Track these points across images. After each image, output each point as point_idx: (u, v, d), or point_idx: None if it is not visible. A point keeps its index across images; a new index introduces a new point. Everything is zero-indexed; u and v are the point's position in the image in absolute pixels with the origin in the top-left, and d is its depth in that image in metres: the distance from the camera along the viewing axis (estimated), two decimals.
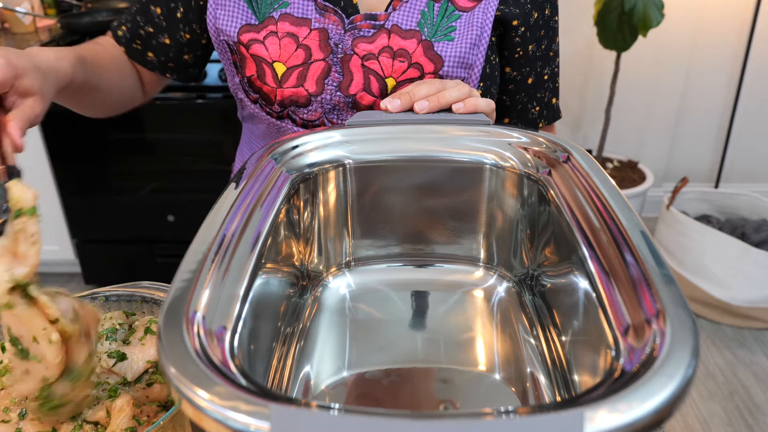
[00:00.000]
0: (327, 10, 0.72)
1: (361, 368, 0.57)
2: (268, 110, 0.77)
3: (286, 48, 0.72)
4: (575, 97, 2.63)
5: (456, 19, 0.73)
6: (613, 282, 0.42)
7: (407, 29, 0.72)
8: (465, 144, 0.63)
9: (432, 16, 0.73)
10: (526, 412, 0.31)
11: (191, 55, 0.82)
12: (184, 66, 0.83)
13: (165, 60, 0.81)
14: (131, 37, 0.80)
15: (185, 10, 0.78)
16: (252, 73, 0.74)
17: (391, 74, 0.73)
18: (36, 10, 2.17)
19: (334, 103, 0.74)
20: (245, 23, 0.73)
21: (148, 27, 0.79)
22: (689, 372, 0.32)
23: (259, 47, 0.73)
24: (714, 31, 2.47)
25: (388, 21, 0.73)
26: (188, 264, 0.42)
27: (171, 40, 0.80)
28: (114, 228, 2.16)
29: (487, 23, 0.73)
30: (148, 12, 0.79)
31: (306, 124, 0.76)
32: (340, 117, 0.76)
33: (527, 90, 0.81)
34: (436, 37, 0.73)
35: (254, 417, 0.31)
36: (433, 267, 0.69)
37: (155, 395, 0.55)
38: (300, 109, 0.75)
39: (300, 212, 0.61)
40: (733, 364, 1.96)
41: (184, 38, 0.80)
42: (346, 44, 0.73)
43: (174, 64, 0.82)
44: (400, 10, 0.73)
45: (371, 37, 0.73)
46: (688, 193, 2.31)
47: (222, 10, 0.73)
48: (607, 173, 0.58)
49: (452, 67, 0.73)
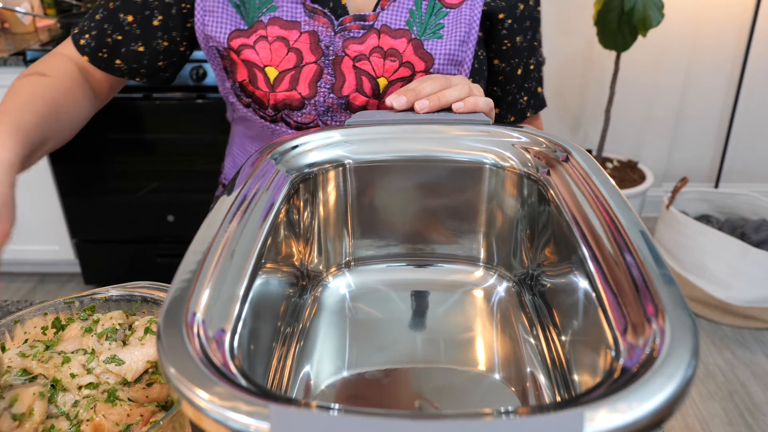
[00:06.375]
0: (316, 12, 0.72)
1: (361, 368, 0.57)
2: (262, 114, 0.76)
3: (277, 52, 0.72)
4: (575, 97, 2.63)
5: (444, 16, 0.73)
6: (613, 282, 0.42)
7: (396, 29, 0.73)
8: (465, 144, 0.63)
9: (420, 15, 0.73)
10: (526, 412, 0.31)
11: (166, 62, 0.80)
12: (157, 71, 0.80)
13: (137, 66, 0.78)
14: (96, 45, 0.76)
15: (164, 18, 0.76)
16: (244, 78, 0.74)
17: (382, 74, 0.73)
18: (36, 10, 2.17)
19: (327, 105, 0.74)
20: (234, 29, 0.72)
21: (117, 35, 0.76)
22: (689, 372, 0.32)
23: (250, 52, 0.72)
24: (714, 31, 2.47)
25: (377, 21, 0.73)
26: (188, 264, 0.42)
27: (145, 48, 0.77)
28: (114, 228, 2.16)
29: (475, 19, 0.74)
30: (117, 20, 0.76)
31: (300, 127, 0.76)
32: (334, 118, 0.76)
33: (517, 81, 0.83)
34: (425, 35, 0.73)
35: (254, 417, 0.31)
36: (433, 267, 0.69)
37: (155, 395, 0.55)
38: (294, 112, 0.75)
39: (300, 212, 0.61)
40: (733, 364, 1.96)
41: (161, 46, 0.77)
42: (337, 46, 0.73)
43: (146, 70, 0.79)
44: (388, 9, 0.73)
45: (361, 37, 0.73)
46: (687, 193, 2.31)
47: (210, 17, 0.73)
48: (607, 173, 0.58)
49: (442, 65, 0.74)
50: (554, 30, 2.48)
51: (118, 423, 0.51)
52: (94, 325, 0.59)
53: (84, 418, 0.51)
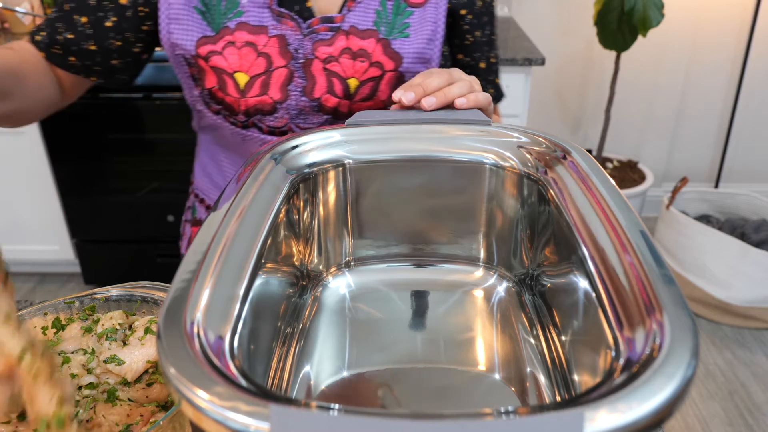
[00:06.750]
0: (283, 16, 0.72)
1: (361, 368, 0.57)
2: (232, 120, 0.76)
3: (246, 57, 0.72)
4: (575, 97, 2.63)
5: (409, 15, 0.75)
6: (613, 282, 0.42)
7: (364, 29, 0.74)
8: (465, 144, 0.63)
9: (386, 15, 0.74)
10: (526, 412, 0.31)
11: (121, 61, 0.78)
12: (112, 70, 0.79)
13: (90, 64, 0.77)
14: (50, 42, 0.76)
15: (118, 19, 0.75)
16: (213, 85, 0.74)
17: (352, 75, 0.74)
18: (36, 10, 2.17)
19: (299, 108, 0.75)
20: (201, 35, 0.72)
21: (68, 34, 0.75)
22: (689, 372, 0.32)
23: (219, 59, 0.72)
24: (714, 31, 2.47)
25: (344, 22, 0.73)
26: (188, 264, 0.42)
27: (97, 47, 0.76)
28: (114, 228, 2.16)
29: (440, 17, 0.75)
30: (71, 20, 0.75)
31: (272, 131, 0.76)
32: (306, 121, 0.76)
33: (481, 74, 0.86)
34: (392, 35, 0.74)
35: (254, 417, 0.31)
36: (433, 267, 0.69)
37: (155, 395, 0.55)
38: (266, 117, 0.75)
39: (300, 212, 0.61)
40: (732, 364, 1.96)
41: (113, 45, 0.76)
42: (306, 49, 0.73)
43: (101, 68, 0.78)
44: (355, 10, 0.74)
45: (330, 39, 0.73)
46: (687, 193, 2.31)
47: (176, 25, 0.72)
48: (607, 173, 0.58)
49: (411, 63, 0.75)
50: (554, 30, 2.48)
51: (118, 423, 0.51)
52: (94, 325, 0.59)
53: (84, 419, 0.51)
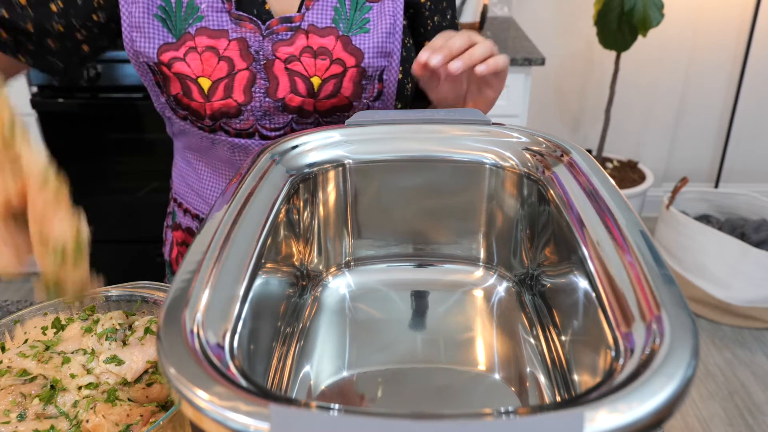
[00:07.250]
0: (242, 19, 0.72)
1: (361, 368, 0.57)
2: (200, 125, 0.76)
3: (208, 62, 0.72)
4: (575, 97, 2.63)
5: (368, 11, 0.75)
6: (613, 282, 0.42)
7: (323, 27, 0.74)
8: (465, 144, 0.63)
9: (345, 11, 0.75)
10: (526, 412, 0.31)
11: (58, 44, 0.75)
12: (45, 52, 0.75)
13: (24, 41, 0.74)
14: None
15: (65, 5, 0.72)
16: (177, 91, 0.74)
17: (315, 73, 0.74)
18: None
19: (264, 109, 0.75)
20: (163, 42, 0.72)
21: (1, 11, 0.71)
22: (689, 372, 0.32)
23: (181, 65, 0.72)
24: (714, 31, 2.47)
25: (303, 21, 0.74)
26: (188, 264, 0.42)
27: (34, 28, 0.73)
28: (114, 228, 2.16)
29: (399, 11, 0.75)
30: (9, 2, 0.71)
31: (239, 134, 0.76)
32: (272, 122, 0.76)
33: None
34: (352, 31, 0.74)
35: (254, 417, 0.31)
36: (433, 267, 0.69)
37: (155, 395, 0.55)
38: (232, 119, 0.75)
39: (300, 212, 0.61)
40: (732, 364, 1.96)
41: (55, 29, 0.73)
42: (267, 50, 0.73)
43: (34, 48, 0.75)
44: (313, 9, 0.74)
45: (290, 39, 0.73)
46: (687, 193, 2.31)
47: (138, 33, 0.72)
48: (607, 173, 0.58)
49: (372, 58, 0.75)
50: (554, 30, 2.48)
51: (117, 423, 0.51)
52: (94, 325, 0.59)
53: (84, 419, 0.51)
